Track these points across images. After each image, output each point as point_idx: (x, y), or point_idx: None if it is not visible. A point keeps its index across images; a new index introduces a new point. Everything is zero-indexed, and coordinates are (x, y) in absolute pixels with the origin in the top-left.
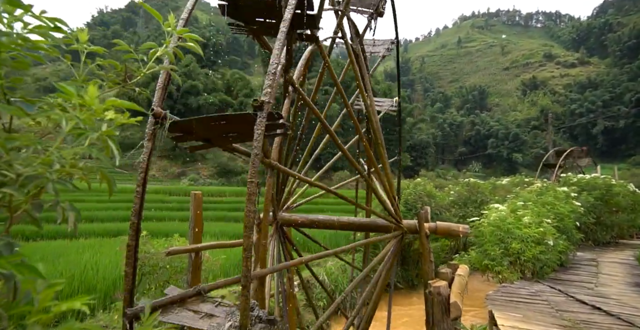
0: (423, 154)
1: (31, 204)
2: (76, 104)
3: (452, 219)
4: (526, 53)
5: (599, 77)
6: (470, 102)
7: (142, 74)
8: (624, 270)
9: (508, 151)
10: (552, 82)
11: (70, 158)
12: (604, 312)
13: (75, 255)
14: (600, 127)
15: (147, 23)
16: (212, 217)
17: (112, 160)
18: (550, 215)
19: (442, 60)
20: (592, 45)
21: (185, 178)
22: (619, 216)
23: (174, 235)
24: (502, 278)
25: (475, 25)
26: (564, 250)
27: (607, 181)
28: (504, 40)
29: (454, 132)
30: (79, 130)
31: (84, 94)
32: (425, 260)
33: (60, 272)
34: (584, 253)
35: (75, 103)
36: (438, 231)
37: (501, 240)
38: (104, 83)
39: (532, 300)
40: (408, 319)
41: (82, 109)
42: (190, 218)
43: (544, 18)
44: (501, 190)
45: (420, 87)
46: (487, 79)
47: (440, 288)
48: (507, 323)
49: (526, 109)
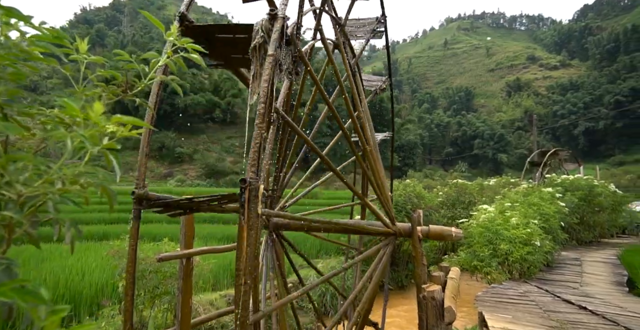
0: (411, 155)
1: (29, 221)
2: (81, 121)
3: (441, 220)
4: (510, 55)
5: (580, 79)
6: (457, 103)
7: (143, 85)
8: (607, 269)
9: (493, 151)
10: (536, 83)
11: (71, 175)
12: (590, 312)
13: (60, 259)
14: (581, 128)
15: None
16: (200, 219)
17: (112, 175)
18: (536, 216)
19: (429, 62)
20: (573, 48)
21: (172, 179)
22: (601, 216)
23: (164, 240)
24: (491, 279)
25: (461, 27)
26: (550, 251)
27: (590, 182)
28: (489, 42)
29: (441, 132)
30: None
31: (89, 109)
32: (418, 264)
33: (44, 277)
34: (569, 252)
35: (79, 120)
36: (430, 235)
37: (490, 241)
38: (104, 94)
39: (521, 301)
40: (398, 320)
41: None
42: (182, 222)
43: (527, 21)
44: (488, 191)
45: (407, 88)
46: (473, 80)
47: (434, 292)
48: (497, 325)
49: (511, 110)
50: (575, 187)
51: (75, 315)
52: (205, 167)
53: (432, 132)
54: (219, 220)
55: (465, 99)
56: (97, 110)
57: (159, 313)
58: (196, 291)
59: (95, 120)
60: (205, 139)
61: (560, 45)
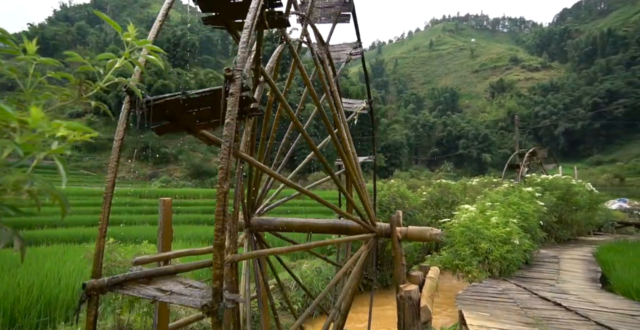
0: (397, 155)
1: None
2: (16, 127)
3: (425, 219)
4: (494, 57)
5: (560, 80)
6: (442, 104)
7: (98, 87)
8: (583, 266)
9: (478, 151)
10: (518, 85)
11: (11, 184)
12: (564, 308)
13: (37, 263)
14: (561, 129)
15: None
16: (185, 220)
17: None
18: (516, 215)
19: (415, 62)
20: (554, 51)
21: (156, 180)
22: (578, 214)
23: (143, 242)
24: (472, 277)
25: (446, 29)
26: (528, 249)
27: (568, 181)
28: (473, 43)
29: (426, 132)
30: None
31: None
32: (397, 264)
33: (18, 282)
34: (547, 250)
35: (15, 126)
36: (409, 236)
37: (471, 240)
38: (56, 97)
39: (499, 299)
40: (382, 319)
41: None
42: (160, 225)
43: (510, 23)
44: (471, 190)
45: (393, 88)
46: (457, 81)
47: (411, 292)
48: (475, 322)
49: (494, 111)
50: (554, 186)
51: (50, 320)
52: (190, 167)
53: (418, 133)
54: (204, 222)
55: (450, 100)
56: (34, 115)
57: (138, 317)
58: None
59: (33, 126)
60: (191, 139)
61: (542, 48)
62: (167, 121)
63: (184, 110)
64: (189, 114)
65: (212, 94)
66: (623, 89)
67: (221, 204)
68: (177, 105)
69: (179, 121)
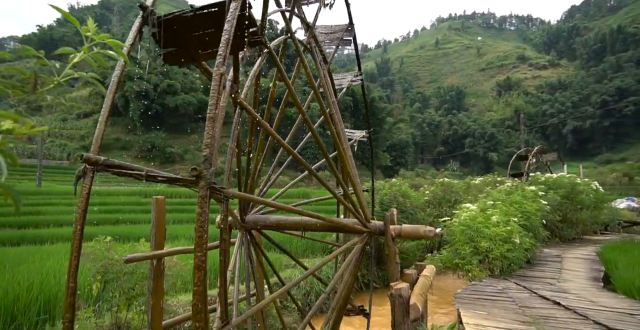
0: (402, 154)
1: None
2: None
3: (427, 218)
4: (501, 55)
5: (569, 78)
6: (448, 103)
7: (56, 82)
8: (586, 265)
9: (484, 150)
10: (525, 83)
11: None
12: (563, 307)
13: (40, 262)
14: (569, 127)
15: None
16: (190, 219)
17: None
18: (517, 214)
19: (421, 61)
20: (562, 48)
21: None
22: (583, 213)
23: (140, 241)
24: (472, 276)
25: (452, 27)
26: (530, 248)
27: (572, 180)
28: (480, 42)
29: (432, 131)
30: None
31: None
32: (391, 262)
33: (18, 281)
34: (551, 250)
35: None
36: (403, 234)
37: (471, 239)
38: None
39: (498, 298)
40: (380, 318)
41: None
42: (152, 223)
43: (517, 21)
44: (474, 189)
45: (399, 87)
46: (464, 79)
47: (401, 290)
48: (472, 321)
49: (501, 109)
50: (558, 185)
51: (50, 318)
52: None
53: (424, 131)
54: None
55: (456, 98)
56: None
57: (135, 315)
58: (175, 292)
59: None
60: (197, 138)
61: (549, 45)
62: (175, 48)
63: (191, 30)
64: (195, 38)
65: (217, 13)
66: (633, 87)
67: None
68: (184, 23)
69: (185, 48)
